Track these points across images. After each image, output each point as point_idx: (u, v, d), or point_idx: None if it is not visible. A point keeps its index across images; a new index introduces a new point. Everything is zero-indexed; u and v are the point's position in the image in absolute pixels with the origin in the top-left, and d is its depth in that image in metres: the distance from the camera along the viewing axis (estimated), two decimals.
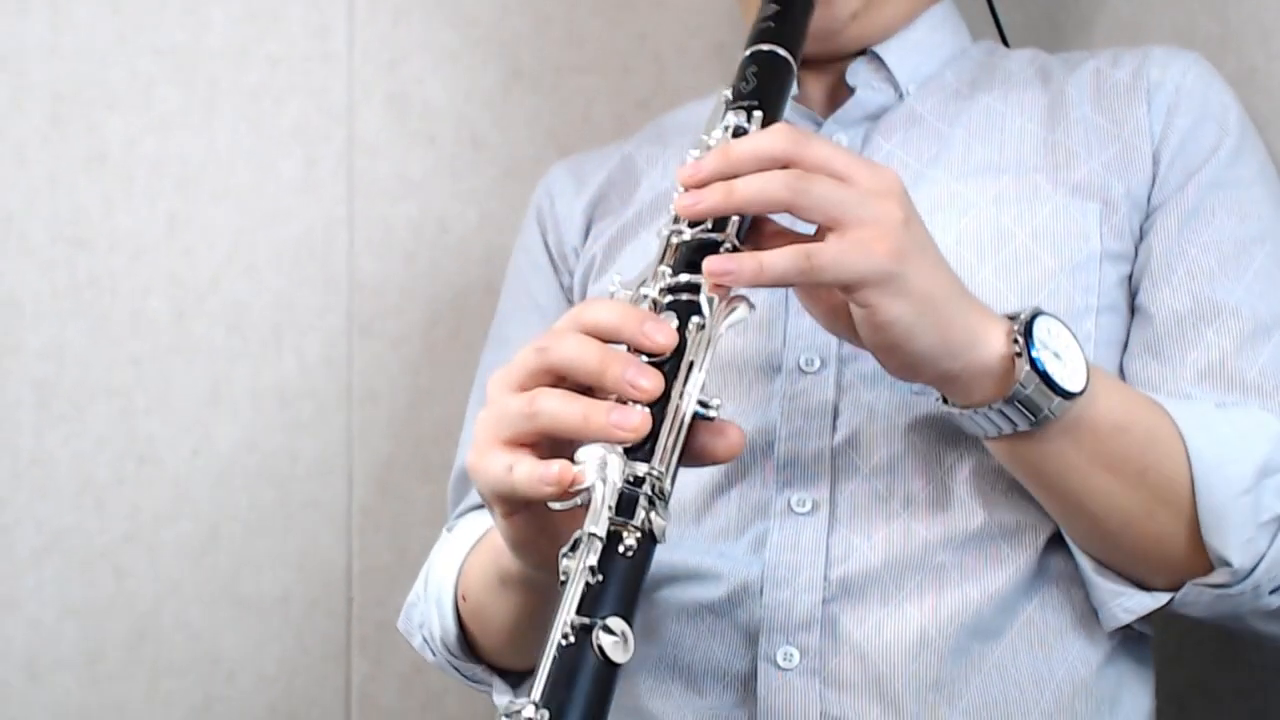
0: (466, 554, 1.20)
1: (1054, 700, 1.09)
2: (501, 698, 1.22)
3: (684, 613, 1.14)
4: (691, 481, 1.16)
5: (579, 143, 1.63)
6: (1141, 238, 1.17)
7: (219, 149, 1.64)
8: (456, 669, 1.25)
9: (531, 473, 0.91)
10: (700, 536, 1.15)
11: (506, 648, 1.19)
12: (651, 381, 0.91)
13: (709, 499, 1.16)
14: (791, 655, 1.10)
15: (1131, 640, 1.13)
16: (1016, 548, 1.10)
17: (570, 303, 1.32)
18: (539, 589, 1.04)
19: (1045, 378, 0.98)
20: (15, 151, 1.61)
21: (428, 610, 1.24)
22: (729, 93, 1.07)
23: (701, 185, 0.97)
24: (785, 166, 0.96)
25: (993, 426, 1.02)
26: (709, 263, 0.94)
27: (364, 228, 1.67)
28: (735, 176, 0.97)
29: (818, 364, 1.14)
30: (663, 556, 1.12)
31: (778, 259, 0.94)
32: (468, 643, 1.22)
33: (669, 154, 1.32)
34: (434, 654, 1.26)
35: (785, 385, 1.15)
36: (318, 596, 1.65)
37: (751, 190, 0.96)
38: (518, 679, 1.22)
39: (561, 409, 0.91)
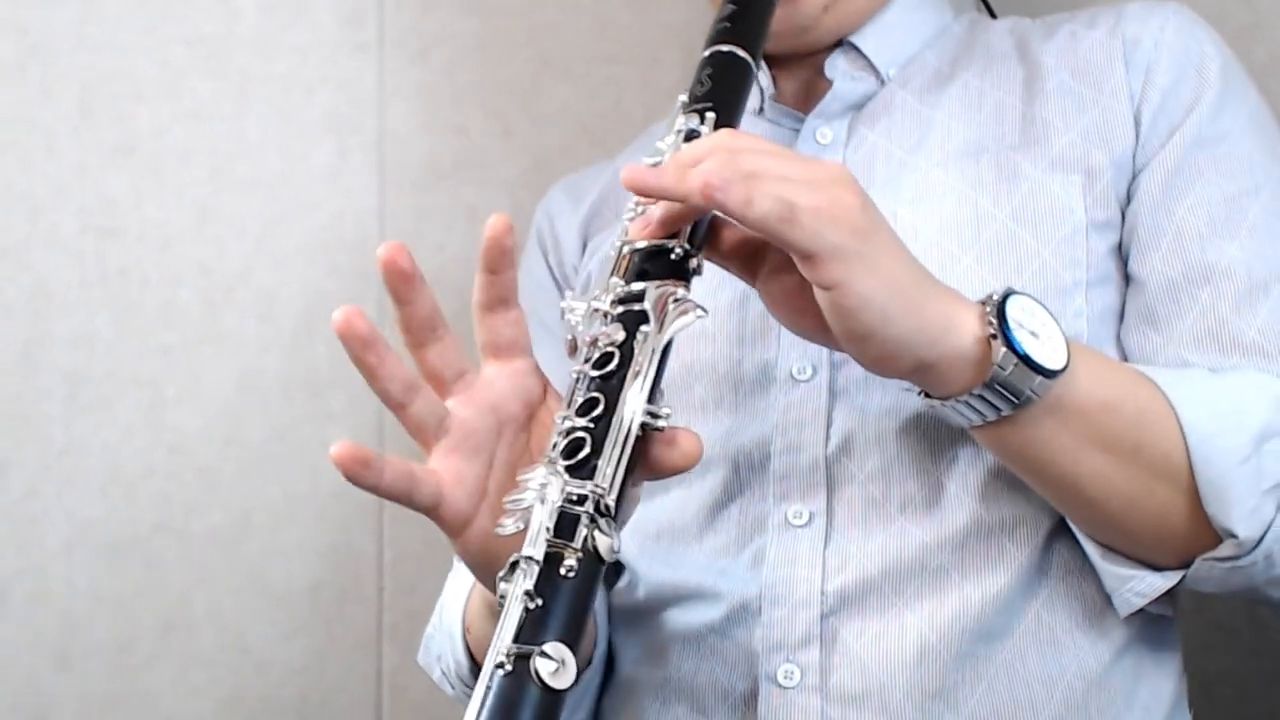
0: (472, 584, 1.18)
1: (1064, 699, 1.07)
2: None
3: (687, 635, 1.13)
4: (694, 499, 1.15)
5: (609, 133, 1.62)
6: (1129, 202, 1.14)
7: (249, 139, 1.65)
8: None
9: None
10: (702, 555, 1.14)
11: None
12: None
13: (710, 517, 1.14)
14: (792, 673, 1.08)
15: (1150, 626, 1.10)
16: (1017, 543, 1.08)
17: None
18: None
19: (1023, 357, 0.95)
20: (45, 142, 1.61)
21: (443, 643, 1.23)
22: (685, 96, 1.06)
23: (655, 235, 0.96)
24: None
25: (976, 414, 0.99)
26: (703, 185, 0.89)
27: (394, 218, 1.67)
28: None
29: (810, 371, 1.12)
30: (667, 576, 1.14)
31: (764, 201, 0.90)
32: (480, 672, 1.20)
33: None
34: (452, 687, 1.24)
35: (780, 396, 1.13)
36: (348, 586, 1.65)
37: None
38: None
39: None
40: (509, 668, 0.80)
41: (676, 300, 0.92)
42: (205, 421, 1.63)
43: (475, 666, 1.19)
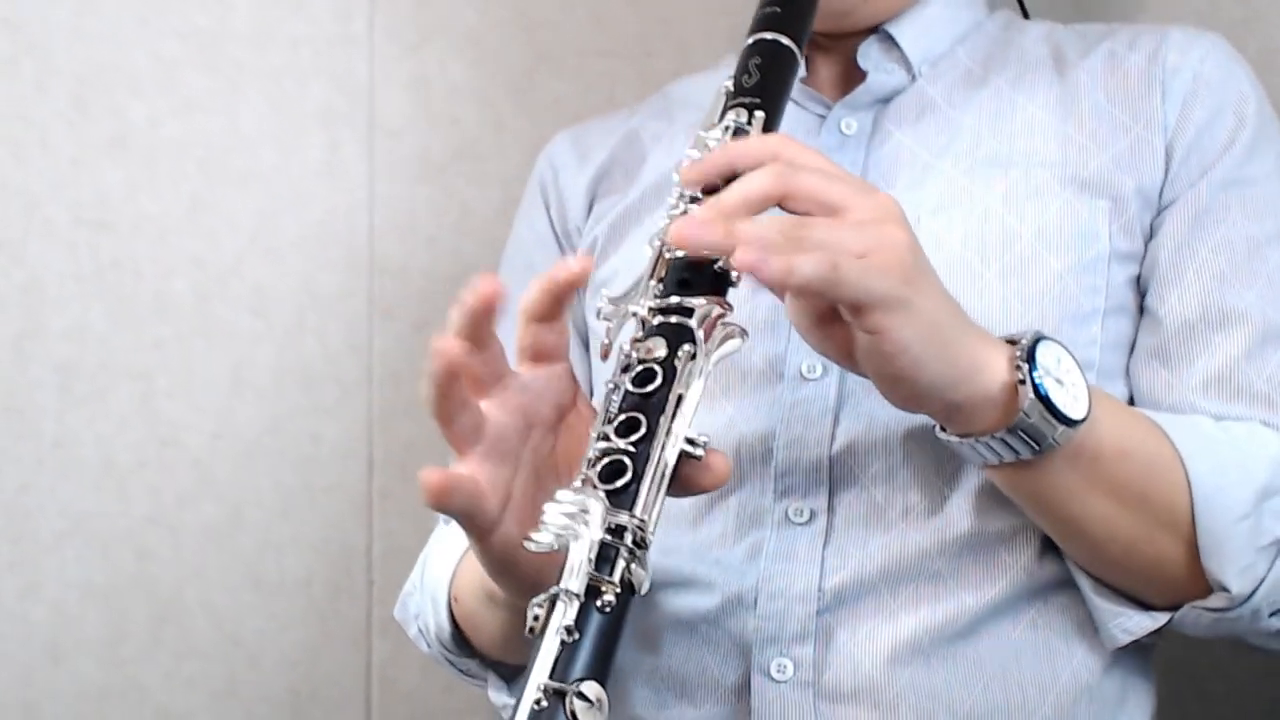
0: (461, 555, 1.18)
1: (1055, 705, 1.07)
2: (498, 695, 1.21)
3: (679, 622, 1.12)
4: None
5: None
6: (1152, 236, 1.13)
7: (242, 132, 1.64)
8: (451, 663, 1.23)
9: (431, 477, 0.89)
10: (696, 543, 1.13)
11: (497, 651, 1.18)
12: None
13: (706, 505, 1.13)
14: (785, 667, 1.08)
15: (1137, 646, 1.10)
16: (1014, 553, 1.08)
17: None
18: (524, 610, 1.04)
19: (1049, 405, 0.95)
20: (39, 135, 1.61)
21: (423, 603, 1.23)
22: (730, 84, 1.04)
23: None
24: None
25: (994, 455, 0.99)
26: (741, 255, 0.87)
27: (386, 211, 1.66)
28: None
29: (820, 370, 1.11)
30: (658, 562, 1.09)
31: (805, 263, 0.88)
32: (463, 638, 1.20)
33: (675, 130, 1.28)
34: (428, 646, 1.24)
35: (787, 392, 1.12)
36: (339, 579, 1.65)
37: (750, 238, 0.91)
38: (512, 673, 1.20)
39: None
40: (544, 704, 0.81)
41: (724, 323, 0.92)
42: (197, 414, 1.63)
43: (458, 634, 1.19)
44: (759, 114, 1.02)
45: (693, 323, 0.91)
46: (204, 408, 1.63)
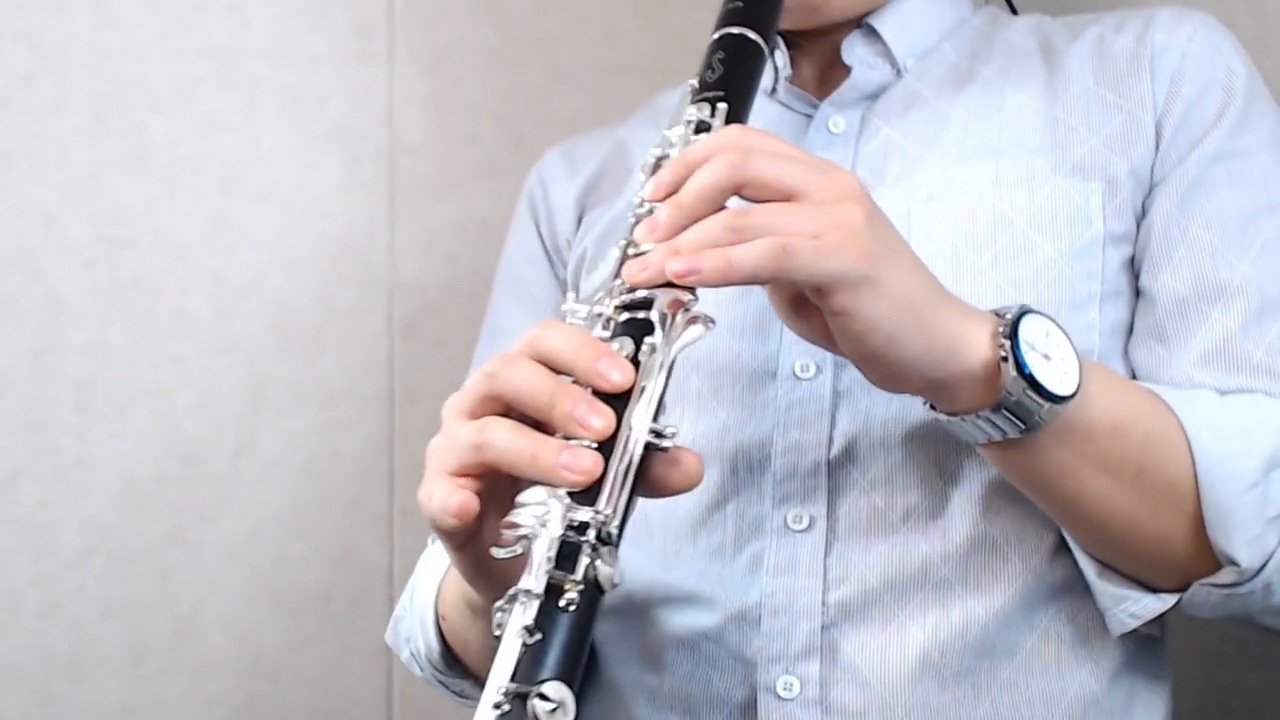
0: (445, 572, 1.17)
1: (1065, 717, 1.06)
2: None
3: (682, 640, 1.11)
4: (687, 498, 1.08)
5: None
6: (1144, 215, 1.12)
7: (261, 149, 1.65)
8: (444, 685, 1.23)
9: (443, 500, 0.87)
10: (696, 556, 1.12)
11: (487, 668, 1.17)
12: (603, 421, 0.84)
13: (705, 515, 1.12)
14: (791, 685, 1.07)
15: (1145, 647, 1.09)
16: (1021, 557, 1.06)
17: (565, 295, 1.29)
18: None
19: (1033, 383, 0.93)
20: (58, 151, 1.61)
21: (413, 626, 1.22)
22: (695, 82, 1.03)
23: (662, 240, 0.92)
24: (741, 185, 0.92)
25: (982, 434, 0.97)
26: (671, 265, 0.88)
27: (405, 228, 1.67)
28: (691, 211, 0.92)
29: (813, 370, 1.10)
30: (659, 576, 1.12)
31: (748, 254, 0.87)
32: (454, 658, 1.20)
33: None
34: (421, 669, 1.24)
35: (781, 394, 1.11)
36: (359, 596, 1.65)
37: (697, 248, 0.90)
38: None
39: (510, 444, 0.86)
40: (506, 708, 0.78)
41: (685, 310, 0.90)
42: (217, 431, 1.63)
43: (448, 652, 1.19)
44: (721, 106, 1.00)
45: (654, 315, 0.89)
46: (224, 424, 1.63)
